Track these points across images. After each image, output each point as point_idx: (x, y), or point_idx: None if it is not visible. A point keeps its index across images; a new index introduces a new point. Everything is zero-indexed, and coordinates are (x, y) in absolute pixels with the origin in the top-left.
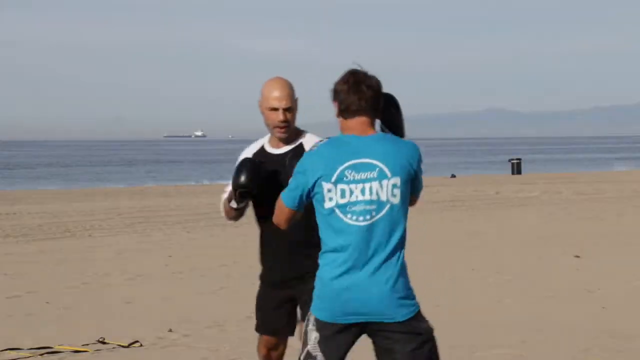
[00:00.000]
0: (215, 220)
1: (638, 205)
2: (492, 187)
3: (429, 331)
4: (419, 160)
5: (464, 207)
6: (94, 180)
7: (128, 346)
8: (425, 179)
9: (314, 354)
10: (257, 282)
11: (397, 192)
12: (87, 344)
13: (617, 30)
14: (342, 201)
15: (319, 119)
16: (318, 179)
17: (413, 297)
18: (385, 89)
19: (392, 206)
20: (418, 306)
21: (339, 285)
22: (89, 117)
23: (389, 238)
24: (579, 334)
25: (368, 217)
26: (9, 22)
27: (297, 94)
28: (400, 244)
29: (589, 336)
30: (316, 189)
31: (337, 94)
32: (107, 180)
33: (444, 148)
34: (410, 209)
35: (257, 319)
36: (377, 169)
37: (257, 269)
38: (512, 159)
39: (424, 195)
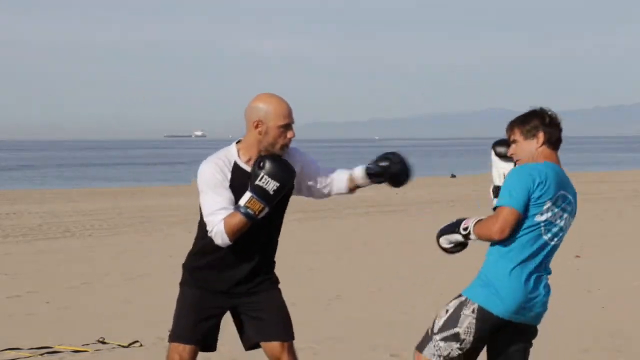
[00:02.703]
0: None
1: (638, 205)
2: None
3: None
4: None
5: (464, 207)
6: (94, 180)
7: (128, 346)
8: (425, 178)
9: (462, 337)
10: None
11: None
12: (87, 344)
13: (617, 30)
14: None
15: (318, 119)
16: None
17: None
18: (386, 88)
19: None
20: None
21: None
22: (89, 117)
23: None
24: (579, 334)
25: (556, 239)
26: (8, 22)
27: (297, 95)
28: None
29: (589, 336)
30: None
31: (546, 125)
32: (107, 180)
33: (444, 148)
34: (411, 208)
35: (179, 326)
36: (572, 205)
37: None
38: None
39: (424, 195)
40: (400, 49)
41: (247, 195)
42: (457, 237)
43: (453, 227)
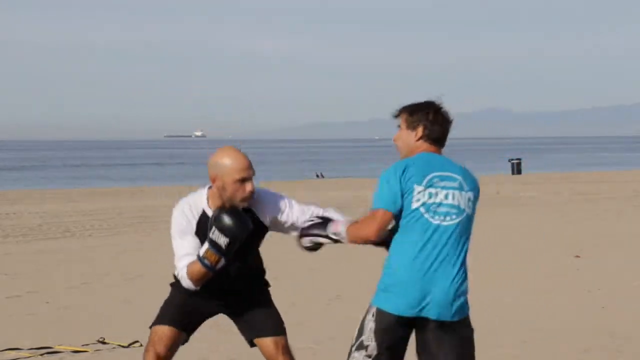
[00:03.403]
0: None
1: (638, 205)
2: (492, 187)
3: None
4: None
5: None
6: (94, 180)
7: (128, 346)
8: None
9: (366, 343)
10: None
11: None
12: (87, 344)
13: (617, 30)
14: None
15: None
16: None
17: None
18: (386, 88)
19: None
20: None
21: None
22: (89, 117)
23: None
24: (579, 334)
25: (450, 219)
26: (8, 22)
27: (297, 95)
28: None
29: (589, 336)
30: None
31: (429, 121)
32: (107, 180)
33: (444, 148)
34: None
35: (161, 315)
36: (458, 180)
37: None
38: (512, 159)
39: None
40: (400, 49)
41: (205, 245)
42: (323, 240)
43: (320, 230)
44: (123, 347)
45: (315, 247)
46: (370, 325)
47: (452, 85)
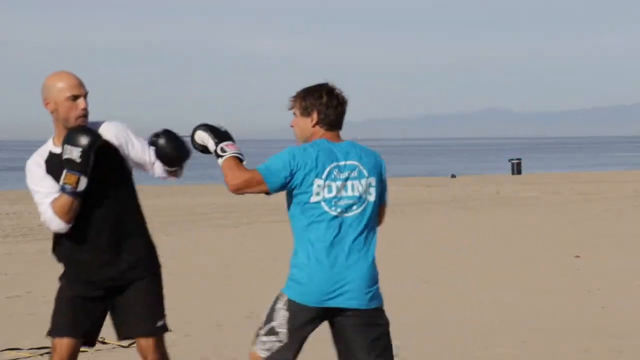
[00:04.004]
0: (215, 220)
1: (638, 205)
2: (492, 187)
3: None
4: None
5: (464, 207)
6: None
7: (128, 346)
8: (425, 179)
9: (277, 330)
10: (251, 282)
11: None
12: None
13: (617, 30)
14: (329, 195)
15: None
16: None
17: None
18: (386, 88)
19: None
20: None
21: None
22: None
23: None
24: (579, 334)
25: (354, 210)
26: (8, 22)
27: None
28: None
29: (589, 336)
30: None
31: (322, 105)
32: None
33: (444, 148)
34: (411, 208)
35: (54, 321)
36: (358, 169)
37: (258, 268)
38: (512, 159)
39: (424, 195)
40: (400, 49)
41: (63, 173)
42: (211, 147)
43: (216, 136)
44: (123, 347)
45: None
46: (282, 313)
47: (452, 85)
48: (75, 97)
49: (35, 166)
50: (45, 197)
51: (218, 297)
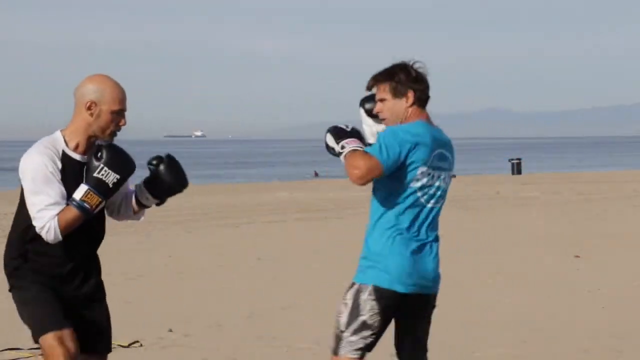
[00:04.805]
0: (215, 220)
1: (638, 205)
2: (492, 187)
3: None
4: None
5: (464, 207)
6: None
7: (128, 346)
8: None
9: (369, 322)
10: (252, 282)
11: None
12: None
13: (617, 30)
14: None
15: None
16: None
17: None
18: None
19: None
20: None
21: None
22: None
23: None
24: (579, 334)
25: (435, 201)
26: (8, 22)
27: (297, 95)
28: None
29: (589, 336)
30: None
31: (415, 81)
32: None
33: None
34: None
35: (48, 315)
36: (449, 161)
37: (257, 268)
38: (512, 159)
39: None
40: (400, 49)
41: (84, 188)
42: (336, 148)
43: (337, 136)
44: (123, 347)
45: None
46: (370, 304)
47: (452, 85)
48: (121, 112)
49: (50, 165)
50: (52, 205)
51: (218, 297)
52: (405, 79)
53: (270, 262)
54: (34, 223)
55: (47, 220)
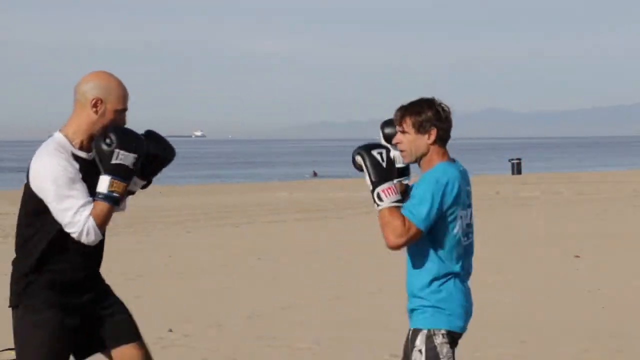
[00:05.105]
0: (215, 220)
1: (638, 205)
2: (492, 187)
3: None
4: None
5: None
6: None
7: None
8: None
9: None
10: (252, 282)
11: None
12: None
13: (617, 30)
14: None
15: (318, 119)
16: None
17: None
18: (386, 88)
19: None
20: None
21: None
22: None
23: None
24: (579, 334)
25: (470, 238)
26: (8, 22)
27: (297, 95)
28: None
29: (589, 336)
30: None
31: (440, 120)
32: None
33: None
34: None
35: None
36: (470, 195)
37: (258, 268)
38: (512, 159)
39: None
40: (400, 49)
41: (106, 178)
42: (368, 186)
43: (373, 175)
44: None
45: None
46: (445, 348)
47: (452, 85)
48: (123, 111)
49: (69, 166)
50: (83, 207)
51: (218, 297)
52: (432, 116)
53: (270, 262)
54: (69, 229)
55: (84, 222)
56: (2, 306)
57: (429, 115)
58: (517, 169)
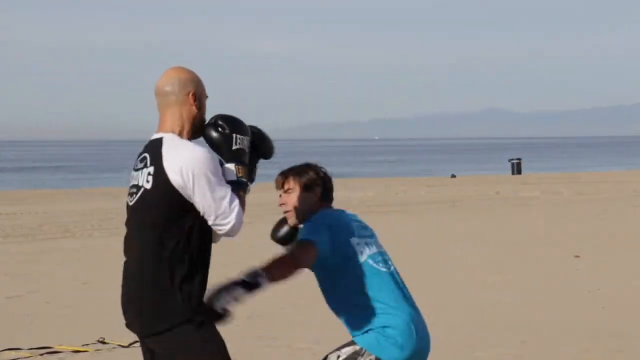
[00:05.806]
0: None
1: (638, 205)
2: (492, 187)
3: None
4: None
5: (464, 207)
6: (94, 180)
7: (128, 346)
8: (426, 179)
9: None
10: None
11: None
12: (87, 344)
13: (617, 30)
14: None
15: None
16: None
17: None
18: (386, 88)
19: None
20: None
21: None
22: (89, 117)
23: None
24: (579, 334)
25: (391, 264)
26: (8, 22)
27: (297, 95)
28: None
29: (589, 336)
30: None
31: (324, 181)
32: (106, 180)
33: (444, 148)
34: (411, 208)
35: None
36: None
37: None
38: (512, 159)
39: (424, 195)
40: (400, 49)
41: (231, 166)
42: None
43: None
44: (123, 347)
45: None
46: None
47: (452, 85)
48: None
49: (216, 159)
50: (232, 195)
51: None
52: (315, 177)
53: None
54: (222, 220)
55: (237, 211)
56: (2, 306)
57: (312, 176)
58: (517, 169)
